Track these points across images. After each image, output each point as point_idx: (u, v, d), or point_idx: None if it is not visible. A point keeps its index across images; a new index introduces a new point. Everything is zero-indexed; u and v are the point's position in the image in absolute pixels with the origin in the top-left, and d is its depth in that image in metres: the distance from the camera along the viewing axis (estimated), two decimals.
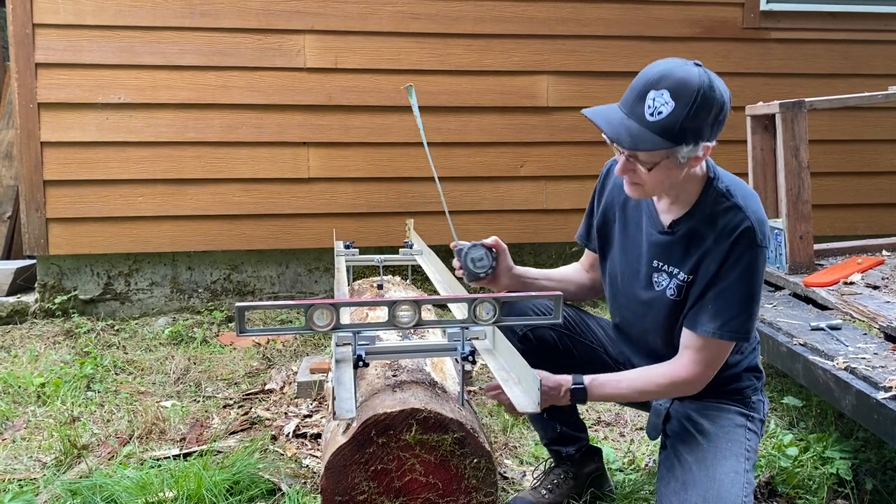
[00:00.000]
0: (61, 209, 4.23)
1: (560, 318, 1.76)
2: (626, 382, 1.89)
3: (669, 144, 1.66)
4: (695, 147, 1.68)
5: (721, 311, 1.77)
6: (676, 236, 1.84)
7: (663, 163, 1.70)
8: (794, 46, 4.77)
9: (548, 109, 4.60)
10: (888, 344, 2.32)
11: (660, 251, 1.88)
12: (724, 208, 1.77)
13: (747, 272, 1.75)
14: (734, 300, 1.77)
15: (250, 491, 2.26)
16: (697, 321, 1.80)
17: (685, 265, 1.83)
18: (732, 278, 1.76)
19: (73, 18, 4.15)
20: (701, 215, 1.81)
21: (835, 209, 4.75)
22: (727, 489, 1.75)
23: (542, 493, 2.21)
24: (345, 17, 4.38)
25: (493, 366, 1.73)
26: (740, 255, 1.75)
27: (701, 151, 1.70)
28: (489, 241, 2.04)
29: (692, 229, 1.81)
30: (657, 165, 1.70)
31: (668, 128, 1.64)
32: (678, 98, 1.64)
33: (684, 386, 1.85)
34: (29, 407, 3.05)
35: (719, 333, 1.77)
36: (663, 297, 1.87)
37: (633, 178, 1.76)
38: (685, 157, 1.69)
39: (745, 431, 1.90)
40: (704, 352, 1.81)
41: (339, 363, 1.70)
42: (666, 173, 1.72)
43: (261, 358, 3.70)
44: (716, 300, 1.77)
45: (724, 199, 1.78)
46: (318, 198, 4.45)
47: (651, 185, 1.75)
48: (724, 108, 1.70)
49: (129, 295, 4.44)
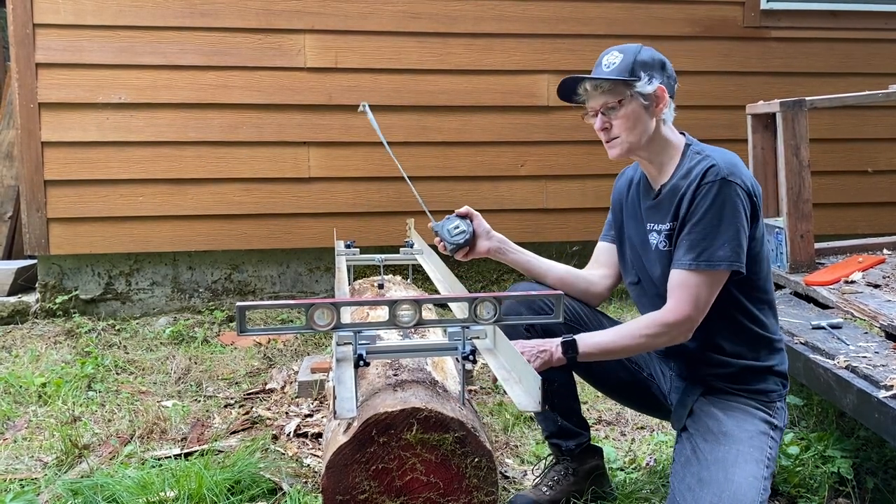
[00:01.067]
0: (62, 209, 4.24)
1: (561, 317, 1.76)
2: (614, 331, 1.97)
3: (626, 76, 1.91)
4: (650, 81, 1.91)
5: (695, 244, 1.86)
6: (662, 197, 1.99)
7: (630, 104, 1.92)
8: (794, 45, 4.77)
9: (548, 109, 4.60)
10: (889, 343, 2.32)
11: (650, 213, 2.03)
12: (696, 161, 1.94)
13: (716, 202, 1.85)
14: (706, 230, 1.85)
15: (251, 490, 2.26)
16: (676, 259, 1.90)
17: (666, 217, 1.95)
18: (702, 211, 1.86)
19: (74, 18, 4.15)
20: (680, 173, 1.96)
21: (835, 208, 4.75)
22: (744, 492, 1.75)
23: (542, 491, 2.21)
24: (345, 16, 4.38)
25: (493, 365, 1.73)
26: (708, 190, 1.86)
27: (657, 89, 1.92)
28: (461, 210, 2.16)
29: (673, 186, 1.96)
30: (623, 106, 1.92)
31: (622, 69, 1.92)
32: (624, 52, 1.95)
33: (673, 329, 1.88)
34: (30, 407, 3.05)
35: (695, 264, 1.85)
36: (658, 250, 1.98)
37: (609, 134, 1.96)
38: (645, 91, 1.91)
39: (768, 439, 1.90)
40: (687, 288, 1.86)
41: (339, 362, 1.70)
42: (635, 118, 1.93)
43: (262, 357, 3.70)
44: (689, 234, 1.88)
45: (697, 156, 1.96)
46: (318, 197, 4.45)
47: (626, 134, 1.94)
48: (667, 65, 1.98)
49: (129, 295, 4.44)
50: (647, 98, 1.93)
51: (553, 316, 1.78)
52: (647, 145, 1.96)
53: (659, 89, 1.93)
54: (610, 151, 2.00)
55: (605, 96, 1.94)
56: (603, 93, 1.95)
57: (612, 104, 1.94)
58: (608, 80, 1.93)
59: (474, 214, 2.16)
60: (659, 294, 2.02)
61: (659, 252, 1.98)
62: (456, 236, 2.07)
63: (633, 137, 1.95)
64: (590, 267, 2.28)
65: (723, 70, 4.66)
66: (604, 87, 1.94)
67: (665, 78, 1.96)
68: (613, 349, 1.95)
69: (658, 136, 1.97)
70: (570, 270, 2.25)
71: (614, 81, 1.92)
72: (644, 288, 2.10)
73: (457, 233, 2.07)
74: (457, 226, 2.08)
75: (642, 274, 2.08)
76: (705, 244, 1.85)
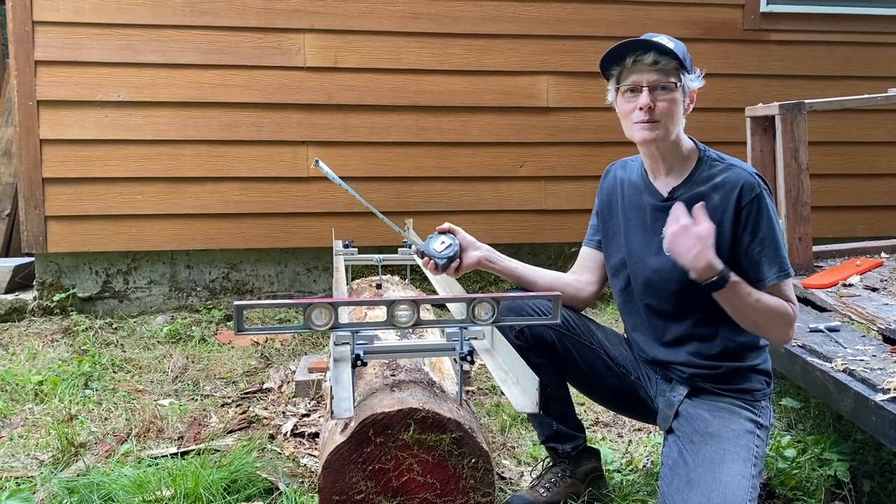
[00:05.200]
0: (60, 207, 4.23)
1: (559, 319, 1.76)
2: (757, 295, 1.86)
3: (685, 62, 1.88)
4: (697, 78, 1.93)
5: (772, 258, 1.89)
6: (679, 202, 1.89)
7: (678, 92, 1.89)
8: (793, 48, 4.78)
9: (548, 110, 4.60)
10: (886, 346, 2.32)
11: (665, 218, 1.91)
12: (720, 169, 1.94)
13: (768, 216, 1.90)
14: (774, 244, 1.90)
15: (248, 490, 2.26)
16: (763, 277, 1.89)
17: None
18: (762, 228, 1.89)
19: (73, 16, 4.15)
20: (699, 179, 1.95)
21: (834, 211, 4.75)
22: (732, 492, 1.74)
23: (539, 492, 2.21)
24: (345, 16, 4.38)
25: (491, 366, 1.73)
26: (757, 207, 1.89)
27: (697, 84, 1.94)
28: (442, 227, 2.11)
29: (695, 194, 1.93)
30: (675, 91, 1.88)
31: (683, 54, 1.89)
32: (675, 41, 1.91)
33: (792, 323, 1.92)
34: (27, 405, 3.05)
35: (781, 276, 1.90)
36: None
37: (651, 115, 1.88)
38: (689, 87, 1.92)
39: (755, 437, 1.90)
40: (781, 296, 1.90)
41: (337, 362, 1.70)
42: (677, 108, 1.90)
43: (259, 357, 3.70)
44: (762, 252, 1.89)
45: (717, 163, 1.96)
46: (317, 197, 4.45)
47: (666, 120, 1.89)
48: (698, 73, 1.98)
49: (127, 293, 4.44)
50: (686, 94, 1.92)
51: (551, 317, 1.78)
52: (670, 140, 1.94)
53: (695, 92, 1.94)
54: (642, 133, 1.90)
55: (662, 75, 1.87)
56: (661, 70, 1.87)
57: (667, 84, 1.87)
58: (676, 59, 1.87)
59: (456, 229, 2.10)
60: (647, 304, 2.02)
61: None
62: (444, 251, 2.04)
63: (672, 127, 1.91)
64: (574, 272, 2.24)
65: (722, 72, 4.66)
66: (667, 65, 1.87)
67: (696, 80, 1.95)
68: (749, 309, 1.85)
69: (679, 134, 1.96)
70: (559, 277, 2.22)
71: (680, 63, 1.87)
72: (631, 294, 2.08)
73: (444, 248, 2.04)
74: (442, 241, 2.05)
75: (634, 278, 2.05)
76: (777, 255, 1.89)
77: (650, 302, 2.03)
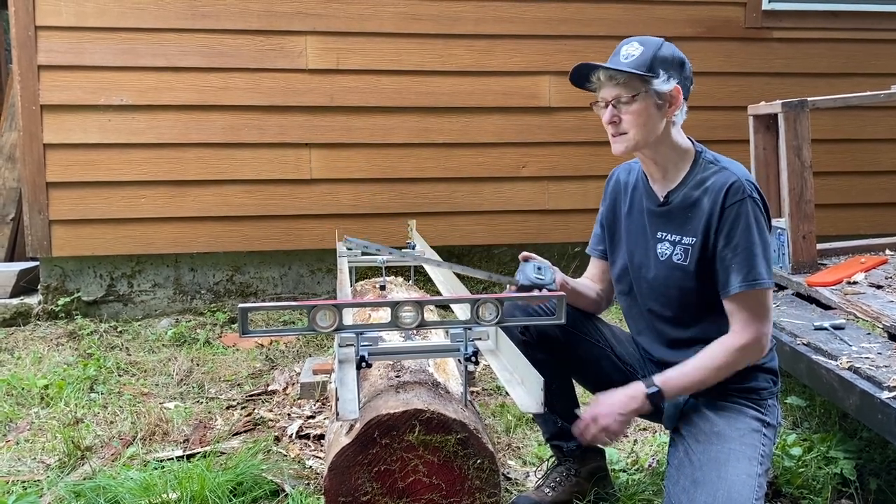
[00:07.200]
0: (64, 211, 4.24)
1: (563, 319, 1.76)
2: (693, 368, 1.88)
3: (643, 71, 1.84)
4: (667, 80, 1.85)
5: (741, 266, 1.85)
6: (673, 205, 1.95)
7: (643, 101, 1.86)
8: (796, 46, 4.77)
9: (550, 110, 4.60)
10: (892, 343, 2.31)
11: (661, 222, 1.98)
12: (712, 172, 1.92)
13: (747, 223, 1.85)
14: (747, 252, 1.85)
15: (254, 492, 2.26)
16: (728, 285, 1.86)
17: (686, 230, 1.93)
18: (738, 233, 1.85)
19: (76, 21, 4.15)
20: (693, 182, 1.94)
21: (838, 209, 4.74)
22: (738, 491, 1.74)
23: (545, 492, 2.21)
24: (346, 18, 4.38)
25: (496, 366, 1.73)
26: (737, 211, 1.85)
27: (673, 89, 1.87)
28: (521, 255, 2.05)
29: (686, 196, 1.93)
30: (636, 102, 1.85)
31: (640, 62, 1.85)
32: (645, 45, 1.88)
33: (748, 350, 1.86)
34: (32, 409, 3.06)
35: (746, 285, 1.84)
36: (670, 262, 1.94)
37: (617, 128, 1.89)
38: (660, 90, 1.86)
39: (761, 436, 1.90)
40: (746, 310, 1.85)
41: (342, 364, 1.70)
42: (647, 116, 1.87)
43: (264, 359, 3.70)
44: (733, 258, 1.86)
45: (711, 166, 1.94)
46: (320, 199, 4.45)
47: (634, 131, 1.88)
48: (686, 65, 1.93)
49: (132, 296, 4.45)
50: (662, 97, 1.87)
51: (555, 317, 1.78)
52: (653, 145, 1.92)
53: (675, 90, 1.88)
54: (615, 146, 1.93)
55: (619, 89, 1.87)
56: (617, 85, 1.88)
57: (625, 98, 1.87)
58: (624, 73, 1.85)
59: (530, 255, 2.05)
60: (650, 309, 2.03)
61: (671, 263, 1.95)
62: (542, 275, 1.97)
63: (641, 136, 1.89)
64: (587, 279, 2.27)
65: (724, 71, 4.66)
66: (619, 79, 1.87)
67: (682, 78, 1.90)
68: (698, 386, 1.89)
69: (666, 137, 1.92)
70: (583, 284, 2.23)
71: (630, 75, 1.85)
72: (635, 298, 2.08)
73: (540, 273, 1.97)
74: (538, 266, 2.00)
75: (636, 283, 2.06)
76: (749, 264, 1.84)
77: (653, 307, 2.03)
